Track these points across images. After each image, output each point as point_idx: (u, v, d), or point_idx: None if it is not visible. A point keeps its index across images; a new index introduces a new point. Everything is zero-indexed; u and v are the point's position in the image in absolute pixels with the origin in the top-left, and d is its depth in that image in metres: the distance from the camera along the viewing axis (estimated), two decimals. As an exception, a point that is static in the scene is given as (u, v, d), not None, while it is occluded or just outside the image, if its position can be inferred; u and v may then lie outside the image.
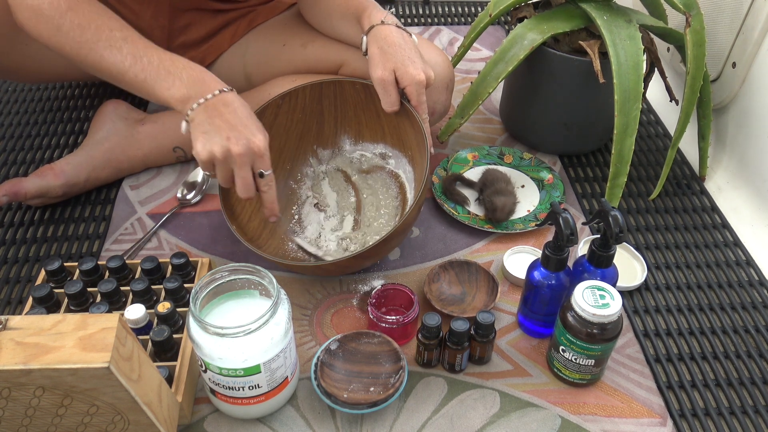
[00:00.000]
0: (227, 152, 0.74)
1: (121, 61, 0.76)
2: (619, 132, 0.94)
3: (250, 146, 0.75)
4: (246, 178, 0.77)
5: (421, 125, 0.85)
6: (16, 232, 0.98)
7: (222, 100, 0.76)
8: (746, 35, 1.03)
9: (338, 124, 0.98)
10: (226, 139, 0.74)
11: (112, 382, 0.56)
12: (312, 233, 0.95)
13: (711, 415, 0.76)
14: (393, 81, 0.84)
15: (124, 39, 0.77)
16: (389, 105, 0.86)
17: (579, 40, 1.01)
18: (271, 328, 0.65)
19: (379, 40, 0.85)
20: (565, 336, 0.73)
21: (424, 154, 0.86)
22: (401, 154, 0.97)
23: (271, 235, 0.92)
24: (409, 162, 0.96)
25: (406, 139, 0.94)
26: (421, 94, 0.84)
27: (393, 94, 0.85)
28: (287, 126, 0.96)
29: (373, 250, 0.78)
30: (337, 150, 1.00)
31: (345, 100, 0.95)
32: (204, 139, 0.75)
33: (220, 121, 0.75)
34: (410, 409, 0.76)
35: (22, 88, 1.29)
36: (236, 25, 1.10)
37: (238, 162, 0.75)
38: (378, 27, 0.86)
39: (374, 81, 0.85)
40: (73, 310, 0.80)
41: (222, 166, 0.76)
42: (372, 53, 0.85)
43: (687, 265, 0.95)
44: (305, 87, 0.93)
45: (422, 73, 0.83)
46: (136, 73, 0.76)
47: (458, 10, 1.61)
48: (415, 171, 0.95)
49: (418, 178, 0.93)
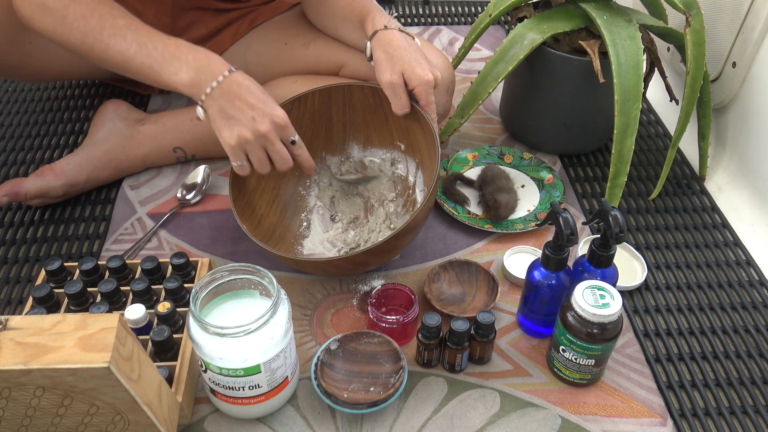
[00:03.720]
0: (257, 132, 0.75)
1: (126, 49, 0.77)
2: (619, 132, 0.94)
3: (275, 121, 0.76)
4: (281, 151, 0.78)
5: (431, 125, 0.85)
6: (16, 232, 0.98)
7: (235, 81, 0.77)
8: (746, 35, 1.03)
9: (347, 129, 0.98)
10: (252, 120, 0.75)
11: (112, 382, 0.56)
12: (320, 239, 0.95)
13: (711, 415, 0.76)
14: (402, 84, 0.84)
15: (127, 26, 0.77)
16: (400, 108, 0.86)
17: (579, 39, 1.01)
18: (271, 328, 0.65)
19: (384, 45, 0.85)
20: (565, 336, 0.73)
21: (433, 156, 0.87)
22: (410, 159, 0.96)
23: (280, 240, 0.92)
24: (419, 165, 0.95)
25: (414, 142, 0.93)
26: (429, 94, 0.85)
27: (403, 96, 0.85)
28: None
29: (385, 245, 0.78)
30: (346, 156, 1.00)
31: (354, 105, 0.95)
32: (230, 126, 0.76)
33: (241, 103, 0.76)
34: (410, 409, 0.76)
35: (22, 88, 1.29)
36: (238, 24, 1.10)
37: (271, 138, 0.76)
38: (382, 32, 0.86)
39: (383, 85, 0.85)
40: (73, 310, 0.80)
41: (255, 148, 0.77)
42: (378, 58, 0.86)
43: (687, 265, 0.95)
44: (314, 92, 0.93)
45: (430, 74, 0.84)
46: (141, 60, 0.77)
47: (458, 10, 1.61)
48: (424, 174, 0.94)
49: (428, 182, 0.93)
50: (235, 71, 0.78)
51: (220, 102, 0.76)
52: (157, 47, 0.77)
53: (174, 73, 0.76)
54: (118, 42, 0.77)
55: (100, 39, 0.77)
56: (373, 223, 0.96)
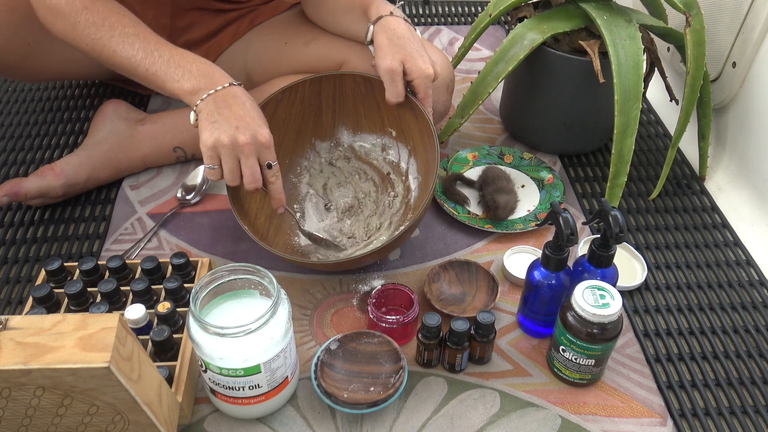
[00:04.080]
0: (234, 140, 0.76)
1: (133, 56, 0.79)
2: (619, 132, 0.94)
3: (256, 137, 0.77)
4: (253, 167, 0.78)
5: (426, 116, 0.85)
6: (16, 232, 0.98)
7: (230, 93, 0.78)
8: (746, 35, 1.03)
9: (336, 115, 0.98)
10: (234, 129, 0.76)
11: (112, 382, 0.56)
12: (315, 228, 0.95)
13: (711, 415, 0.76)
14: (401, 72, 0.84)
15: (135, 35, 0.80)
16: (395, 96, 0.86)
17: (579, 39, 1.01)
18: (271, 328, 0.65)
19: (387, 30, 0.85)
20: (565, 336, 0.73)
21: (428, 145, 0.87)
22: (402, 145, 0.97)
23: (278, 232, 0.92)
24: (411, 152, 0.96)
25: (407, 129, 0.94)
26: (428, 87, 0.85)
27: (400, 85, 0.85)
28: (285, 120, 0.96)
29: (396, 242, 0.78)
30: (335, 142, 1.00)
31: (344, 92, 0.96)
32: (211, 129, 0.76)
33: (229, 112, 0.77)
34: (410, 409, 0.76)
35: (23, 88, 1.29)
36: (237, 24, 1.10)
37: (246, 151, 0.76)
38: (386, 17, 0.87)
39: (382, 71, 0.85)
40: (73, 310, 0.80)
41: (229, 155, 0.77)
42: (380, 43, 0.85)
43: (687, 265, 0.95)
44: (305, 81, 0.93)
45: (431, 67, 0.84)
46: (147, 67, 0.79)
47: (458, 10, 1.61)
48: (417, 162, 0.95)
49: (422, 169, 0.93)
50: (235, 85, 0.79)
51: (211, 107, 0.77)
52: (162, 56, 0.79)
53: (176, 81, 0.78)
54: (125, 49, 0.80)
55: (109, 46, 0.80)
56: (367, 211, 0.96)
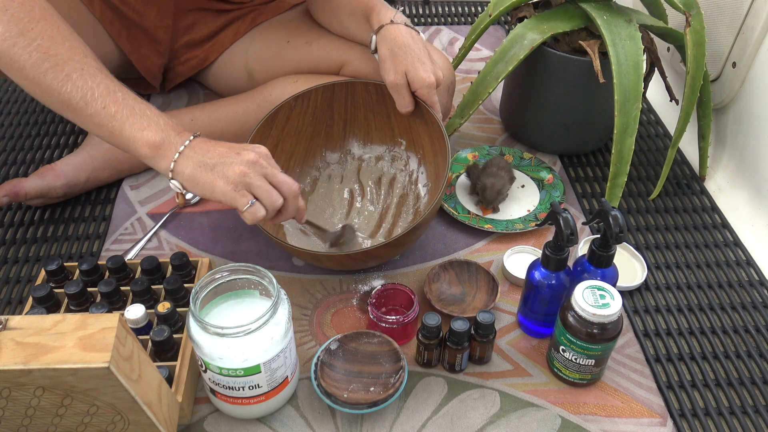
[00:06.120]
0: (249, 161, 0.68)
1: (91, 88, 0.67)
2: (619, 132, 0.94)
3: (257, 150, 0.71)
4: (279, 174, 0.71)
5: (437, 121, 0.87)
6: (16, 232, 0.98)
7: (201, 140, 0.71)
8: (746, 35, 1.03)
9: (347, 126, 0.99)
10: (237, 155, 0.69)
11: (112, 382, 0.56)
12: None
13: (711, 415, 0.76)
14: (405, 84, 0.86)
15: (99, 69, 0.69)
16: (404, 107, 0.89)
17: (579, 39, 1.01)
18: (271, 328, 0.65)
19: (389, 41, 0.86)
20: (565, 336, 0.73)
21: (438, 152, 0.89)
22: (412, 154, 0.98)
23: (278, 230, 0.93)
24: (421, 161, 0.97)
25: (417, 137, 0.95)
26: (432, 95, 0.87)
27: (406, 97, 0.88)
28: (298, 128, 0.96)
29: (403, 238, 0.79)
30: (345, 153, 1.01)
31: (356, 102, 0.96)
32: (218, 173, 0.68)
33: (220, 149, 0.70)
34: (410, 409, 0.76)
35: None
36: (239, 23, 1.10)
37: (262, 163, 0.70)
38: (387, 27, 0.87)
39: (387, 85, 0.88)
40: (73, 310, 0.80)
41: (256, 179, 0.68)
42: (383, 55, 0.87)
43: (687, 265, 0.95)
44: (318, 89, 0.93)
45: (432, 76, 0.85)
46: (105, 105, 0.68)
47: (458, 10, 1.61)
48: (427, 170, 0.96)
49: (432, 175, 0.94)
50: (199, 136, 0.71)
51: (197, 158, 0.68)
52: (126, 99, 0.69)
53: (140, 129, 0.68)
54: (83, 78, 0.67)
55: (63, 69, 0.66)
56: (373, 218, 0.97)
